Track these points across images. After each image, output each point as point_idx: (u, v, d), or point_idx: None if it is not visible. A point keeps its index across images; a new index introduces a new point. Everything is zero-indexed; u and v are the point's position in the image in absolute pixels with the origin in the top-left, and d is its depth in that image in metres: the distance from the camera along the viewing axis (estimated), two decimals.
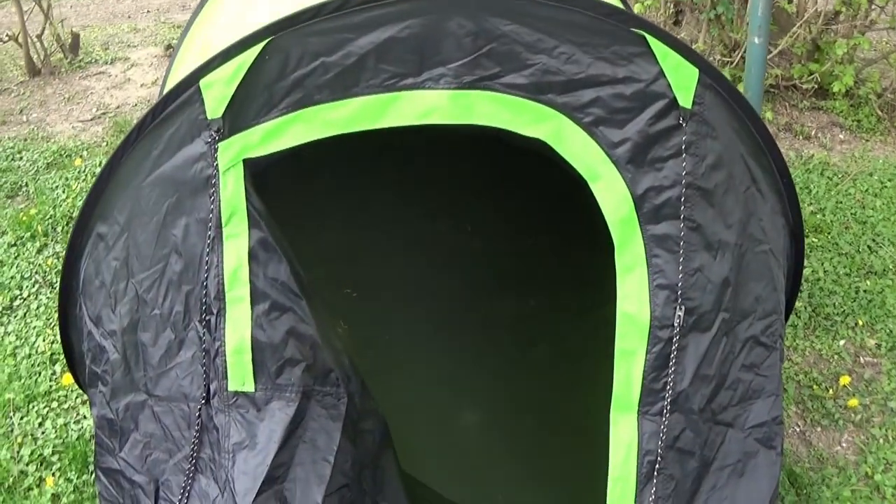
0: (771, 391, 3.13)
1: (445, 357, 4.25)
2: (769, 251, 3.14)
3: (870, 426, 4.29)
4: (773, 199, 3.22)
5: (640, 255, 2.84)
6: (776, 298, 3.17)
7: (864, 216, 5.77)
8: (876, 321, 4.89)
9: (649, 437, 2.87)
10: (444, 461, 3.75)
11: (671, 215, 2.84)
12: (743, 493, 3.06)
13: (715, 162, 2.91)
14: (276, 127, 2.80)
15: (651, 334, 2.84)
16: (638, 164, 2.83)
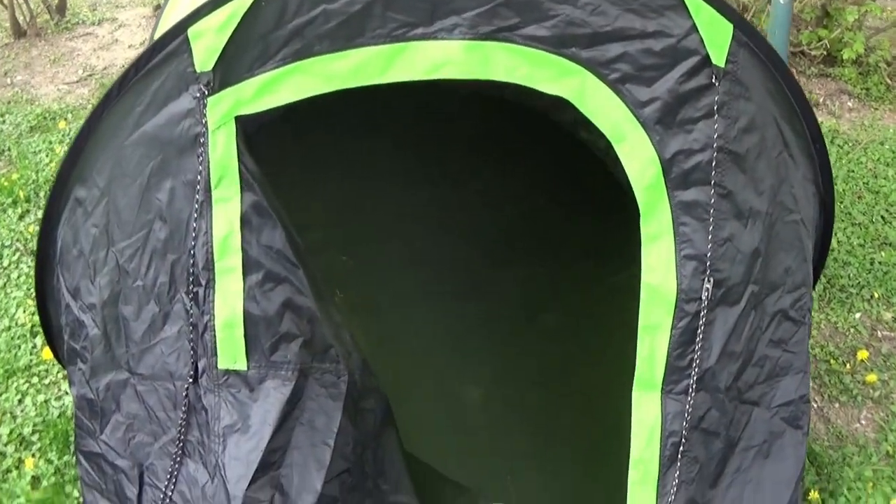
0: (799, 368, 2.95)
1: (447, 326, 4.08)
2: (800, 220, 2.95)
3: (889, 403, 4.13)
4: (805, 165, 3.03)
5: (667, 223, 2.63)
6: (806, 270, 2.99)
7: (877, 186, 5.60)
8: (892, 294, 4.73)
9: (673, 418, 2.69)
10: (447, 438, 3.59)
11: (701, 181, 2.64)
12: (769, 475, 2.90)
13: (748, 125, 2.71)
14: (271, 80, 2.56)
15: (677, 308, 2.65)
16: (667, 125, 2.62)
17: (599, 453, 2.85)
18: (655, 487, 2.71)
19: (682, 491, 2.72)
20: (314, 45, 2.56)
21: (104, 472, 2.87)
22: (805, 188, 3.02)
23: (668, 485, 2.70)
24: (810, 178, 3.05)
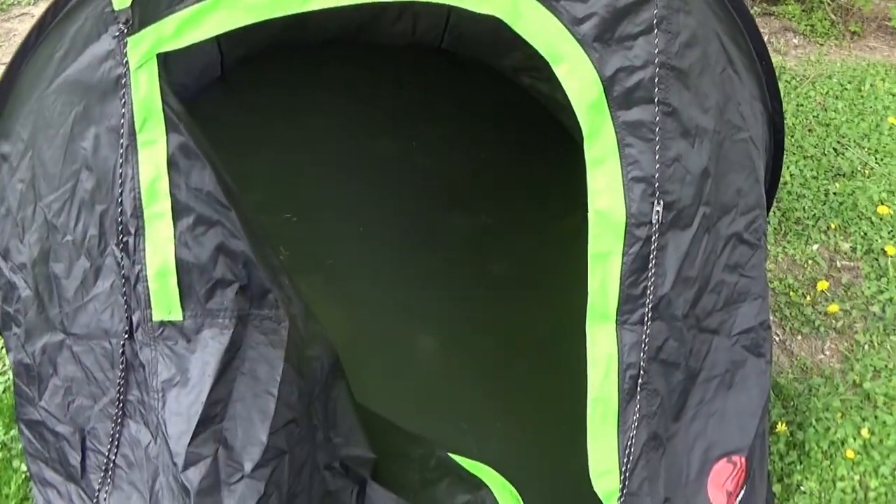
0: (757, 293, 2.89)
1: (395, 280, 3.99)
2: (749, 139, 2.87)
3: (853, 332, 4.09)
4: (751, 82, 2.95)
5: (612, 145, 2.53)
6: (758, 191, 2.92)
7: (827, 118, 5.55)
8: (849, 224, 4.68)
9: (630, 349, 2.61)
10: (400, 390, 3.51)
11: (644, 99, 2.54)
12: (733, 406, 2.84)
13: (689, 39, 2.61)
14: (192, 15, 2.43)
15: (628, 233, 2.55)
16: (605, 42, 2.51)
17: (557, 397, 2.78)
18: (616, 423, 2.63)
19: (643, 425, 2.64)
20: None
21: (46, 440, 2.76)
22: (752, 106, 2.94)
23: (628, 420, 2.62)
24: (757, 97, 2.98)
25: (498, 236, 4.21)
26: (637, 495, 2.65)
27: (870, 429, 3.61)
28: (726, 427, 2.83)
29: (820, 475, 3.45)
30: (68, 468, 2.72)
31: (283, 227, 4.20)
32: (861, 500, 3.38)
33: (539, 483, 3.14)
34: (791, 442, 3.55)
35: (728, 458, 2.81)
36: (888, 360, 3.93)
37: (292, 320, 2.63)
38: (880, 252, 4.49)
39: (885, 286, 4.31)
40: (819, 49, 6.48)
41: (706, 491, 2.77)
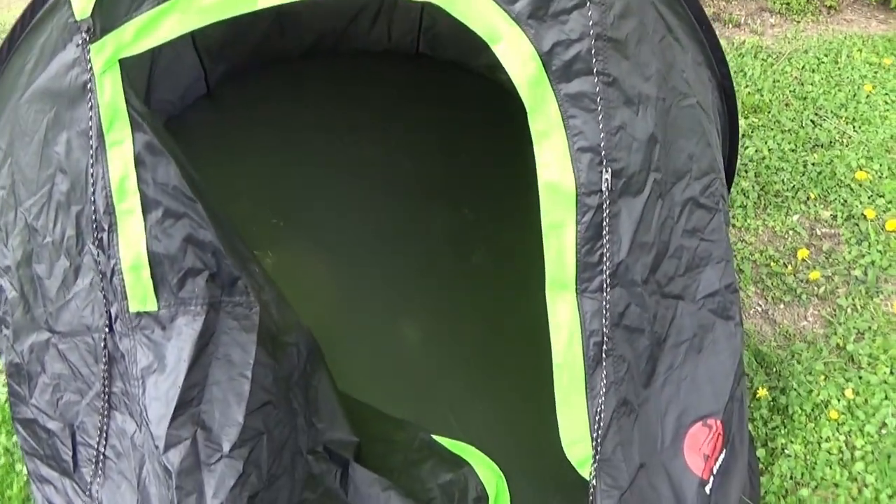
0: (719, 256, 2.94)
1: (381, 275, 4.07)
2: (696, 104, 2.93)
3: (835, 297, 4.13)
4: (694, 49, 3.02)
5: (556, 118, 2.58)
6: (711, 155, 2.97)
7: (804, 92, 5.59)
8: (829, 192, 4.72)
9: (592, 317, 2.64)
10: (387, 380, 3.58)
11: (584, 71, 2.58)
12: (704, 370, 2.89)
13: (623, 10, 2.66)
14: (149, 20, 2.51)
15: (579, 202, 2.59)
16: (540, 18, 2.55)
17: (539, 381, 2.80)
18: (584, 391, 2.67)
19: (612, 391, 2.68)
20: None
21: (39, 437, 2.85)
22: (698, 72, 3.00)
23: (596, 386, 2.66)
24: (702, 62, 3.04)
25: (479, 228, 4.29)
26: (611, 461, 2.69)
27: (854, 389, 3.65)
28: (699, 391, 2.87)
29: (805, 437, 3.50)
30: (62, 463, 2.81)
31: (270, 232, 4.29)
32: (847, 459, 3.43)
33: (522, 462, 3.22)
34: (774, 406, 3.60)
35: (703, 421, 2.85)
36: (871, 322, 3.98)
37: (264, 306, 2.70)
38: (860, 217, 4.54)
39: (867, 250, 4.36)
40: (796, 26, 6.51)
41: (682, 454, 2.81)
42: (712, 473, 2.84)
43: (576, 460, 2.71)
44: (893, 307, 4.04)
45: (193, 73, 5.07)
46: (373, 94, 5.25)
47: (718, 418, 2.88)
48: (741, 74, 5.85)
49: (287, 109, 5.12)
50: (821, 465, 3.39)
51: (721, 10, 6.77)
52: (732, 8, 6.82)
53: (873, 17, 6.60)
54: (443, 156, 4.77)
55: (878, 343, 3.86)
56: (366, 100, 5.17)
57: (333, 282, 4.08)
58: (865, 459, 3.42)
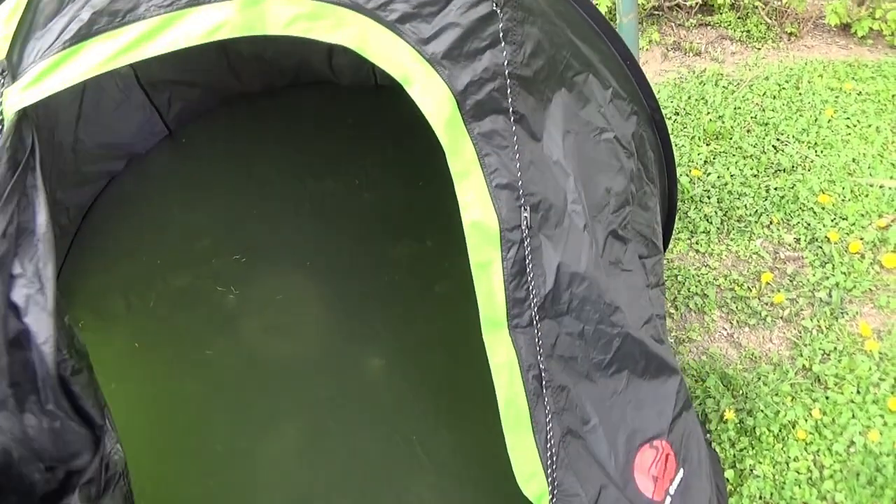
0: (641, 285, 2.99)
1: (344, 308, 4.09)
2: (613, 139, 2.96)
3: (800, 319, 4.14)
4: (618, 84, 3.05)
5: (473, 157, 2.56)
6: (627, 188, 3.00)
7: (765, 118, 5.61)
8: (791, 216, 4.74)
9: (526, 351, 2.64)
10: (352, 409, 3.61)
11: (495, 109, 2.58)
12: (648, 393, 2.91)
13: (534, 49, 2.67)
14: (51, 65, 2.51)
15: (503, 239, 2.59)
16: (454, 58, 2.54)
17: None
18: (530, 425, 2.66)
19: (555, 422, 2.67)
20: (94, 25, 2.50)
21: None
22: (619, 106, 3.03)
23: (541, 420, 2.66)
24: (626, 97, 3.08)
25: (441, 258, 4.30)
26: (567, 492, 2.68)
27: (821, 409, 3.67)
28: (644, 414, 2.88)
29: (773, 458, 3.51)
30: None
31: (232, 269, 4.30)
32: (816, 478, 3.44)
33: (487, 490, 3.26)
34: (742, 428, 3.61)
35: (650, 443, 2.87)
36: (837, 343, 3.99)
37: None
38: (824, 240, 4.55)
39: (831, 272, 4.37)
40: (756, 53, 6.55)
41: (633, 478, 2.82)
42: (668, 494, 2.83)
43: (533, 496, 2.69)
44: (858, 328, 4.05)
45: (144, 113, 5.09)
46: (332, 128, 5.30)
47: (664, 439, 2.89)
48: (702, 102, 5.88)
49: (247, 146, 5.17)
50: (790, 485, 3.39)
51: (681, 39, 6.81)
52: (693, 37, 6.86)
53: (834, 43, 6.64)
54: (404, 187, 4.80)
55: (844, 363, 3.87)
56: (326, 134, 5.23)
57: (297, 315, 4.09)
58: (834, 478, 3.43)
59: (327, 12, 2.48)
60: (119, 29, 2.49)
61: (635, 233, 3.00)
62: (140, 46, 2.50)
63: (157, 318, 4.02)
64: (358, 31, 2.50)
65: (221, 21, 2.46)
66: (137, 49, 2.50)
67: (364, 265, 4.29)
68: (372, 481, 3.33)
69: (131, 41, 2.49)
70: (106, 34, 2.50)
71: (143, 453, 3.48)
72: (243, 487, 3.33)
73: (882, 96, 5.71)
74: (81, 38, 2.50)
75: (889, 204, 4.72)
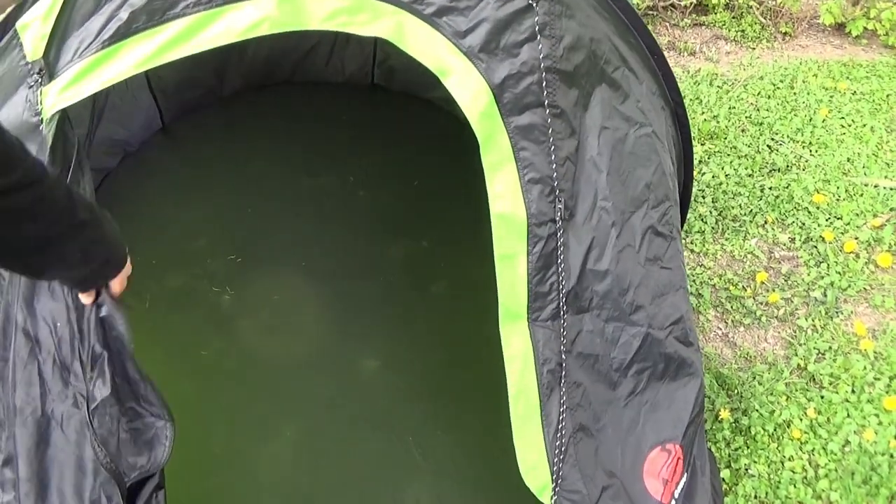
0: (678, 284, 2.93)
1: (340, 308, 4.08)
2: (652, 133, 2.93)
3: (795, 319, 4.15)
4: (648, 79, 3.03)
5: (507, 150, 2.56)
6: (666, 184, 2.97)
7: (760, 118, 5.62)
8: (786, 216, 4.75)
9: (544, 345, 2.64)
10: (348, 410, 3.60)
11: (533, 103, 2.58)
12: (665, 395, 2.87)
13: (573, 42, 2.66)
14: (89, 66, 2.51)
15: (530, 233, 2.59)
16: (491, 52, 2.54)
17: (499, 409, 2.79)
18: (540, 418, 2.66)
19: (568, 417, 2.67)
20: (132, 24, 2.49)
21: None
22: (652, 101, 3.01)
23: (551, 413, 2.65)
24: (655, 92, 3.06)
25: (437, 258, 4.30)
26: (570, 487, 2.68)
27: (816, 408, 3.67)
28: (660, 416, 2.86)
29: (768, 457, 3.51)
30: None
31: (228, 269, 4.29)
32: (811, 477, 3.44)
33: (483, 490, 3.26)
34: (737, 428, 3.61)
35: (662, 446, 2.84)
36: (832, 342, 4.00)
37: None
38: (818, 239, 4.56)
39: (826, 271, 4.38)
40: (751, 53, 6.56)
41: (642, 479, 2.80)
42: (673, 497, 2.82)
43: (535, 487, 2.69)
44: (853, 327, 4.05)
45: (148, 113, 5.08)
46: (329, 126, 5.30)
47: (678, 443, 2.87)
48: (697, 102, 5.88)
49: (243, 144, 5.16)
50: (785, 484, 3.40)
51: (676, 39, 6.81)
52: (687, 36, 6.86)
53: (828, 43, 6.65)
54: (400, 187, 4.80)
55: (839, 363, 3.87)
56: (322, 133, 5.23)
57: (293, 315, 4.08)
58: (829, 477, 3.43)
59: (366, 6, 2.49)
60: (157, 27, 2.49)
61: (676, 230, 2.99)
62: (179, 45, 2.51)
63: (153, 319, 3.99)
64: (395, 24, 2.52)
65: (261, 17, 2.47)
66: (177, 48, 2.51)
67: (360, 265, 4.28)
68: (368, 482, 3.32)
69: (170, 39, 2.49)
70: (144, 33, 2.50)
71: None
72: (240, 488, 3.33)
73: (876, 96, 5.72)
74: (120, 38, 2.50)
75: (884, 203, 4.73)
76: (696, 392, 2.92)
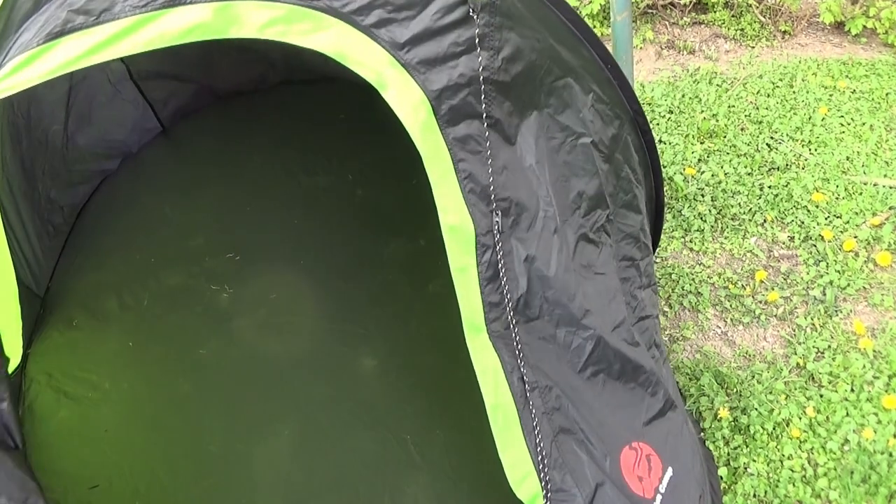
0: (615, 288, 2.99)
1: (338, 307, 4.08)
2: (590, 143, 2.95)
3: (794, 317, 4.14)
4: (600, 89, 3.05)
5: (448, 162, 2.57)
6: (600, 193, 2.99)
7: (759, 116, 5.61)
8: (785, 215, 4.74)
9: (507, 354, 2.66)
10: (346, 408, 3.60)
11: (470, 114, 2.58)
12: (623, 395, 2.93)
13: (512, 54, 2.66)
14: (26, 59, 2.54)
15: (478, 244, 2.60)
16: (430, 63, 2.53)
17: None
18: (520, 427, 2.67)
19: (545, 422, 2.68)
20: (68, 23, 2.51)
21: None
22: (599, 111, 3.03)
23: (529, 422, 2.66)
24: (609, 101, 3.08)
25: (434, 257, 4.25)
26: (561, 491, 2.68)
27: (815, 407, 3.66)
28: (620, 416, 2.89)
29: (767, 456, 3.50)
30: None
31: (226, 267, 4.29)
32: (811, 476, 3.44)
33: (480, 489, 3.26)
34: (736, 426, 3.61)
35: (629, 445, 2.87)
36: (831, 341, 3.99)
37: None
38: (818, 238, 4.55)
39: (825, 270, 4.37)
40: (750, 52, 6.54)
41: (623, 476, 2.81)
42: (658, 492, 2.83)
43: (526, 498, 2.69)
44: (853, 326, 4.05)
45: (137, 109, 5.08)
46: (326, 126, 5.30)
47: (641, 441, 2.89)
48: (696, 100, 5.88)
49: (241, 143, 5.17)
50: (784, 483, 3.39)
51: (675, 38, 6.80)
52: (687, 35, 6.85)
53: (828, 42, 6.63)
54: (397, 185, 4.79)
55: (839, 361, 3.86)
56: (320, 132, 5.23)
57: (291, 314, 4.08)
58: (828, 476, 3.43)
59: (303, 16, 2.48)
60: (94, 28, 2.49)
61: (623, 235, 3.02)
62: (114, 44, 2.51)
63: (151, 318, 4.00)
64: (334, 36, 2.50)
65: (195, 23, 2.45)
66: (111, 47, 2.51)
67: (357, 264, 4.28)
68: (366, 481, 3.32)
69: (105, 39, 2.49)
70: (81, 32, 2.50)
71: (136, 453, 3.49)
72: (237, 487, 3.33)
73: (876, 94, 5.71)
74: (56, 36, 2.51)
75: (883, 202, 4.72)
76: (651, 388, 2.97)
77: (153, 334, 3.91)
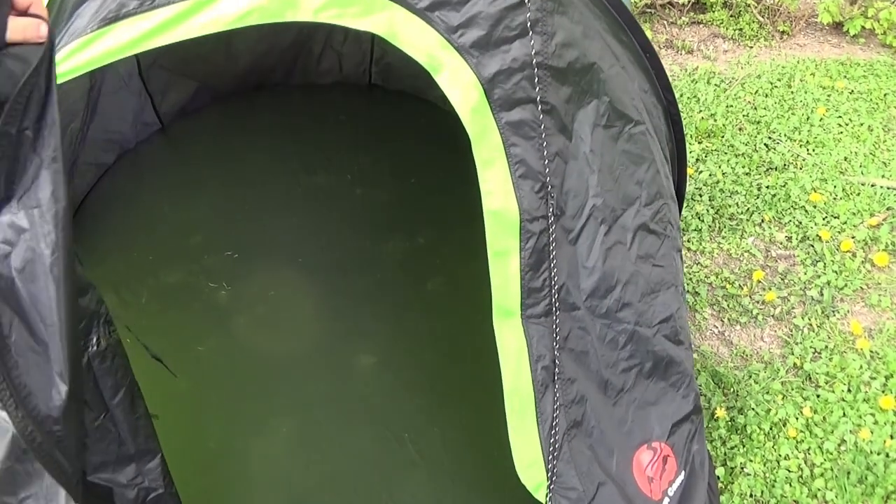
0: (670, 282, 2.93)
1: (336, 304, 4.08)
2: (646, 131, 2.93)
3: (791, 317, 4.14)
4: (641, 77, 3.03)
5: (498, 146, 2.53)
6: (660, 181, 2.97)
7: (757, 116, 5.62)
8: (783, 214, 4.74)
9: (538, 342, 2.63)
10: (344, 406, 3.60)
11: (524, 99, 2.55)
12: (652, 394, 2.89)
13: (565, 39, 2.64)
14: (79, 46, 2.50)
15: (522, 229, 2.56)
16: (482, 47, 2.51)
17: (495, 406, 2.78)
18: (535, 415, 2.66)
19: (562, 414, 2.67)
20: (122, 8, 2.48)
21: None
22: (644, 99, 3.01)
23: (546, 410, 2.65)
24: (648, 90, 3.05)
25: (433, 255, 4.30)
26: (566, 484, 2.68)
27: (812, 407, 3.66)
28: (647, 414, 2.87)
29: (763, 456, 3.50)
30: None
31: (225, 265, 4.29)
32: (807, 476, 3.43)
33: (479, 486, 3.25)
34: (732, 426, 3.61)
35: (648, 444, 2.85)
36: (828, 341, 3.99)
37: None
38: (815, 238, 4.56)
39: (822, 270, 4.38)
40: (748, 52, 6.56)
41: (633, 476, 2.81)
42: (666, 495, 2.83)
43: (531, 484, 2.69)
44: (850, 326, 4.06)
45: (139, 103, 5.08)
46: (326, 125, 5.33)
47: (663, 441, 2.88)
48: (694, 100, 5.89)
49: (240, 142, 5.19)
50: (780, 483, 3.39)
51: (674, 37, 6.82)
52: (685, 35, 6.87)
53: (826, 42, 6.65)
54: (396, 184, 4.82)
55: (836, 362, 3.87)
56: (319, 131, 5.26)
57: (289, 311, 4.09)
58: (825, 476, 3.43)
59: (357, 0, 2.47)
60: (147, 13, 2.48)
61: (672, 227, 2.97)
62: (168, 30, 2.47)
63: (149, 314, 4.00)
64: (387, 18, 2.48)
65: (252, 7, 2.44)
66: (166, 32, 2.48)
67: (356, 262, 4.28)
68: (364, 478, 3.32)
69: (159, 24, 2.46)
70: (135, 17, 2.48)
71: None
72: (235, 483, 3.32)
73: (874, 95, 5.72)
74: (111, 21, 2.48)
75: (880, 202, 4.73)
76: (684, 390, 2.94)
77: (151, 331, 3.90)
